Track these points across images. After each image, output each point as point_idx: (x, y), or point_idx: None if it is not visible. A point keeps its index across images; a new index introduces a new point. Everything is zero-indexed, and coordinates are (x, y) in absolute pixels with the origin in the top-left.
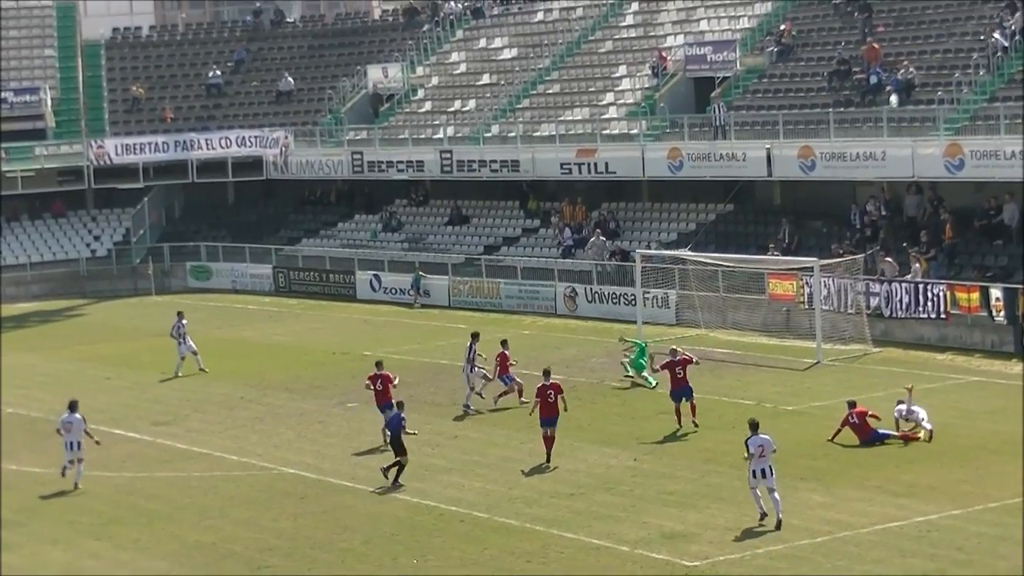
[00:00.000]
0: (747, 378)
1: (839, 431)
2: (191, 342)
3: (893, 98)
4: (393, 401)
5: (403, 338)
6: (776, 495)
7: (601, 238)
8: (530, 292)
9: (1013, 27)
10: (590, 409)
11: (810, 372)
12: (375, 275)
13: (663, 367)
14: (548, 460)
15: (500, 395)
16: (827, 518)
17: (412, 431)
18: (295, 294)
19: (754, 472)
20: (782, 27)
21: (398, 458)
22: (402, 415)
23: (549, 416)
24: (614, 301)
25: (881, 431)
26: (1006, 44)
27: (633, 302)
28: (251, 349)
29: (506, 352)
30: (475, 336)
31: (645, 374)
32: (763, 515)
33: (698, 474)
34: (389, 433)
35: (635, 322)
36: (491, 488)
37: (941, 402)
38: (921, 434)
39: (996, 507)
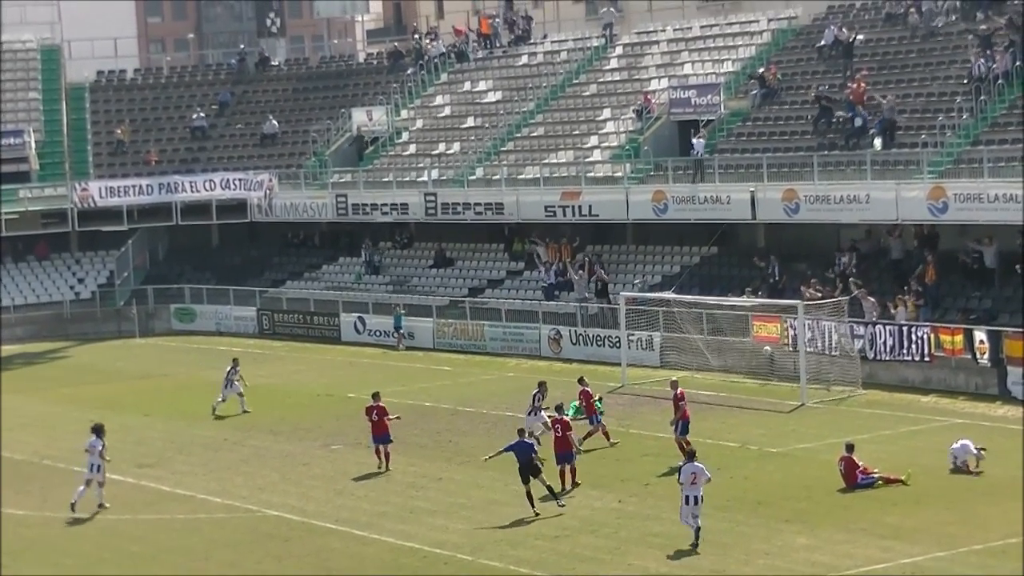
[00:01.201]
0: (731, 420)
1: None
2: (239, 386)
3: (877, 141)
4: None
5: (387, 380)
6: (699, 521)
7: (582, 275)
8: (515, 334)
9: (996, 70)
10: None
11: (794, 414)
12: (359, 317)
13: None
14: (563, 490)
15: (586, 436)
16: (811, 560)
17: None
18: (279, 336)
19: (685, 498)
20: (764, 70)
21: (535, 482)
22: (532, 441)
23: (563, 451)
24: (599, 343)
25: (865, 480)
26: (993, 70)
27: (617, 344)
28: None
29: (588, 390)
30: (542, 385)
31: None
32: (692, 544)
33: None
34: (519, 463)
35: (619, 364)
36: (476, 530)
37: (925, 444)
38: (904, 476)
39: (981, 549)
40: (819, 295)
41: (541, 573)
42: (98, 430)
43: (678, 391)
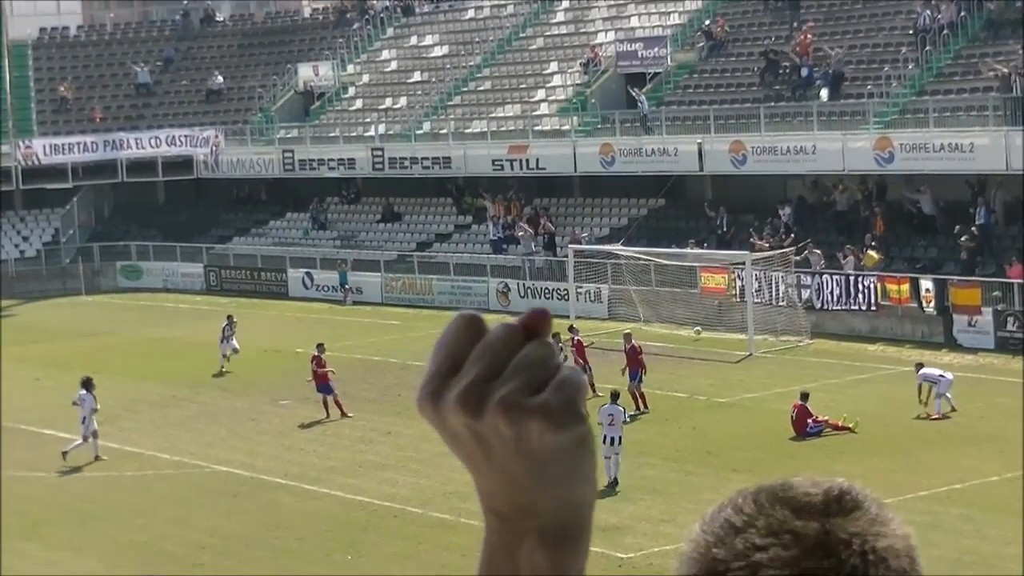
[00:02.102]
0: (680, 371)
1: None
2: (235, 343)
3: (823, 92)
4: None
5: (336, 335)
6: (619, 459)
7: (528, 230)
8: (463, 288)
9: (942, 20)
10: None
11: (743, 364)
12: (307, 273)
13: None
14: None
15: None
16: None
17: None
18: (227, 292)
19: (603, 438)
20: (711, 22)
21: None
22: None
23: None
24: (547, 296)
25: (814, 428)
26: (938, 21)
27: (566, 297)
28: (183, 348)
29: (580, 339)
30: (556, 337)
31: None
32: (610, 482)
33: (632, 466)
34: None
35: (568, 316)
36: (425, 483)
37: (872, 392)
38: (851, 424)
39: (927, 495)
40: (767, 247)
41: None
42: (87, 384)
43: (632, 344)
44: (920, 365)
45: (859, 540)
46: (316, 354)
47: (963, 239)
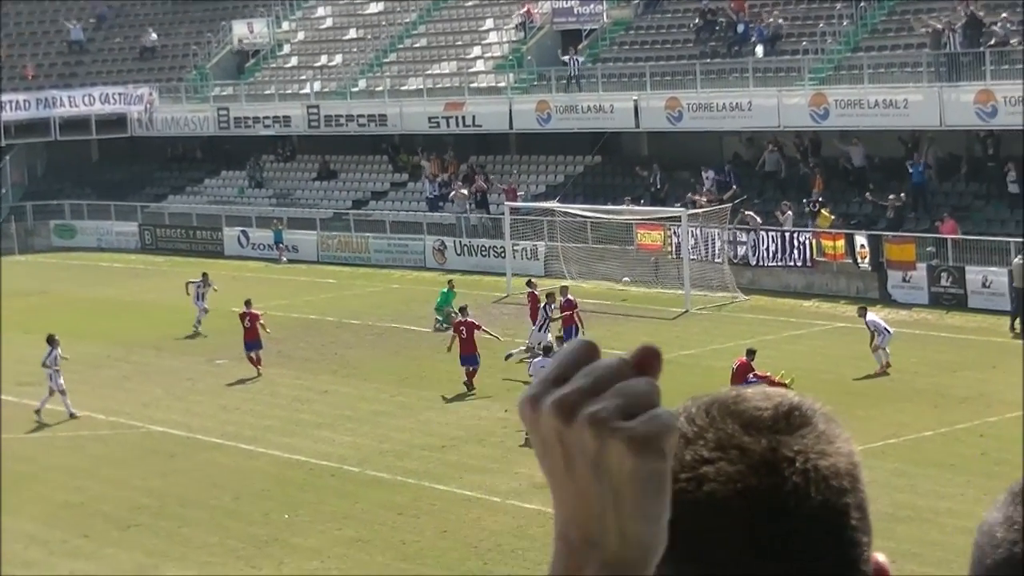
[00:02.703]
0: (617, 328)
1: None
2: (206, 303)
3: (759, 48)
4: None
5: (271, 294)
6: None
7: (463, 191)
8: (399, 246)
9: None
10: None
11: (679, 321)
12: (243, 231)
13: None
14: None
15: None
16: None
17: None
18: (162, 251)
19: None
20: None
21: None
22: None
23: (467, 353)
24: (483, 254)
25: (749, 383)
26: None
27: (502, 254)
28: (118, 308)
29: (536, 293)
30: (551, 296)
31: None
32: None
33: None
34: None
35: (504, 274)
36: (362, 442)
37: (807, 348)
38: (787, 380)
39: (862, 450)
40: (704, 202)
41: (428, 483)
42: (50, 340)
43: (567, 298)
44: (864, 309)
45: (802, 458)
46: (250, 311)
47: (891, 197)
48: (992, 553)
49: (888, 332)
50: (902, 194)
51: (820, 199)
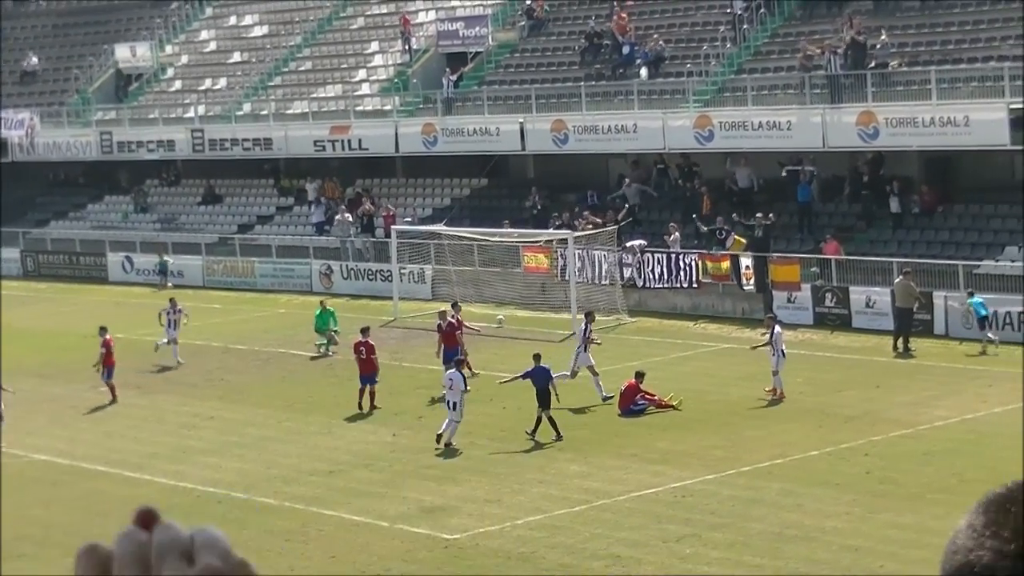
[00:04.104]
0: (504, 351)
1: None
2: (176, 332)
3: (643, 71)
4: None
5: (156, 320)
6: (451, 423)
7: (347, 216)
8: (285, 270)
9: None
10: (347, 385)
11: (567, 343)
12: (127, 257)
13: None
14: (371, 409)
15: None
16: (585, 487)
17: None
18: (45, 278)
19: (446, 402)
20: (532, 2)
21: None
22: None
23: (367, 373)
24: (370, 277)
25: (637, 406)
26: (741, 9)
27: (389, 278)
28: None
29: (459, 318)
30: (589, 316)
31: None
32: (445, 443)
33: (457, 447)
34: (536, 388)
35: (391, 298)
36: (249, 468)
37: (694, 370)
38: (675, 402)
39: (748, 471)
40: (589, 226)
41: (316, 508)
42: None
43: (450, 319)
44: (774, 317)
45: None
46: (105, 338)
47: (757, 216)
48: (952, 559)
49: (783, 356)
50: (771, 214)
51: (727, 226)
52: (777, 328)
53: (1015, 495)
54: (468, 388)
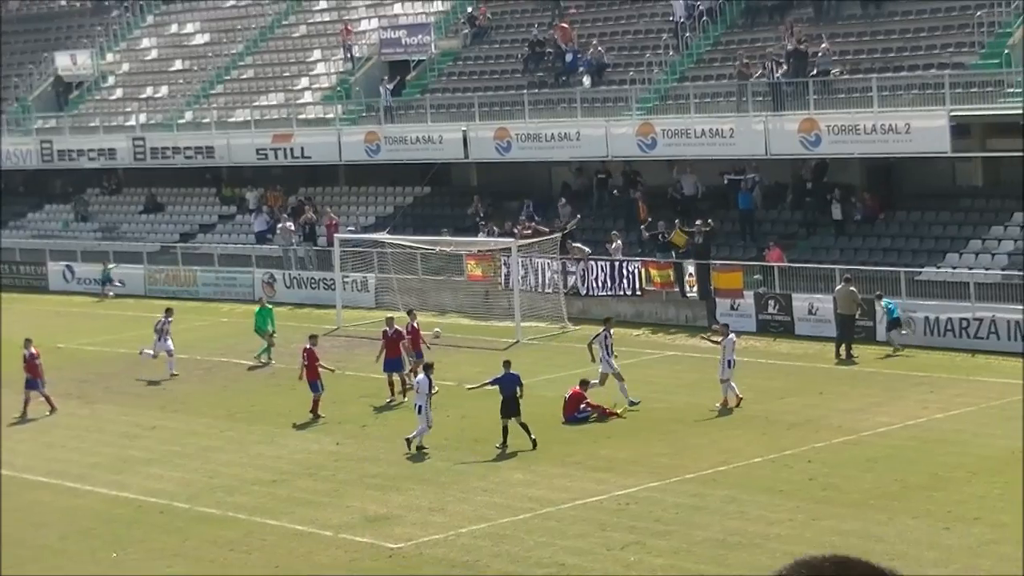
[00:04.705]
0: (448, 359)
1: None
2: (170, 342)
3: (586, 79)
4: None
5: (98, 329)
6: (421, 428)
7: (289, 224)
8: (227, 279)
9: (701, 7)
10: (290, 395)
11: (510, 352)
12: (67, 266)
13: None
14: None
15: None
16: (529, 495)
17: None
18: None
19: (415, 405)
20: (474, 10)
21: (514, 422)
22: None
23: (313, 380)
24: (313, 286)
25: (580, 414)
26: (683, 17)
27: (333, 286)
28: None
29: (415, 325)
30: (608, 322)
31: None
32: (408, 441)
33: (400, 456)
34: (503, 396)
35: (335, 306)
36: (191, 478)
37: (638, 377)
38: (619, 410)
39: (692, 478)
40: (529, 233)
41: (259, 518)
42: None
43: (395, 328)
44: (727, 326)
45: None
46: (30, 351)
47: (697, 223)
48: None
49: (730, 365)
50: (709, 220)
51: (661, 222)
52: (732, 336)
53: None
54: (435, 391)
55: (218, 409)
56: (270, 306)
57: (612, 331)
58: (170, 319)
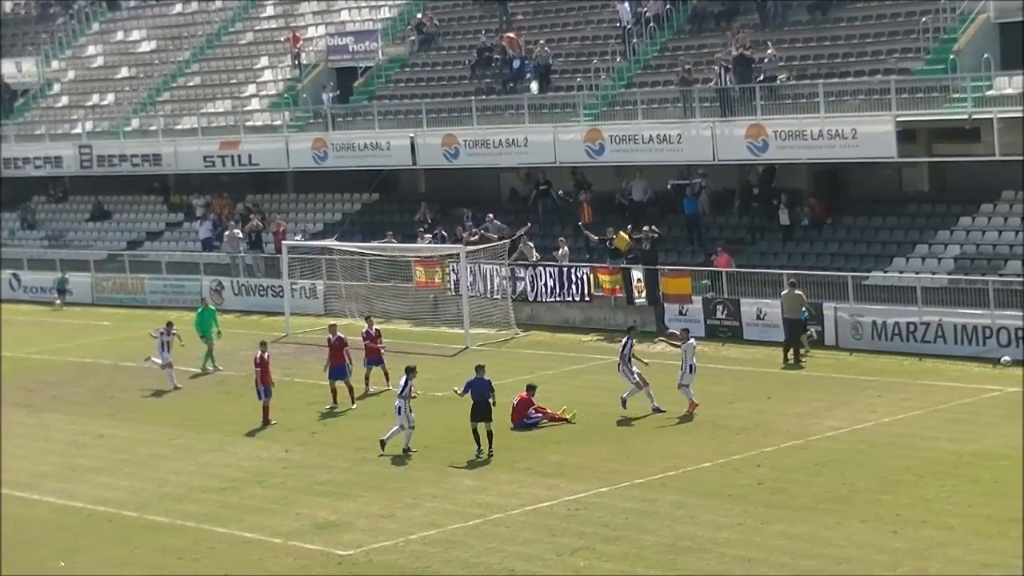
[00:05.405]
0: (397, 366)
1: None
2: (170, 355)
3: (533, 85)
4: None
5: (46, 337)
6: (394, 429)
7: (236, 232)
8: (175, 287)
9: (648, 13)
10: (239, 402)
11: (459, 358)
12: (14, 274)
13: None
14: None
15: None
16: (479, 501)
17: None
18: None
19: (396, 406)
20: (422, 16)
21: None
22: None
23: (265, 384)
24: (261, 293)
25: (530, 419)
26: (630, 23)
27: (281, 293)
28: None
29: (372, 331)
30: (632, 330)
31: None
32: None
33: (350, 463)
34: (474, 400)
35: (283, 313)
36: (140, 486)
37: (587, 382)
38: (569, 415)
39: (642, 483)
40: (475, 239)
41: (208, 526)
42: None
43: (338, 335)
44: (687, 331)
45: None
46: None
47: (644, 229)
48: None
49: (691, 370)
50: (653, 226)
51: (610, 228)
52: (692, 341)
53: None
54: (414, 395)
55: (167, 417)
56: (213, 307)
57: (634, 340)
58: (172, 332)
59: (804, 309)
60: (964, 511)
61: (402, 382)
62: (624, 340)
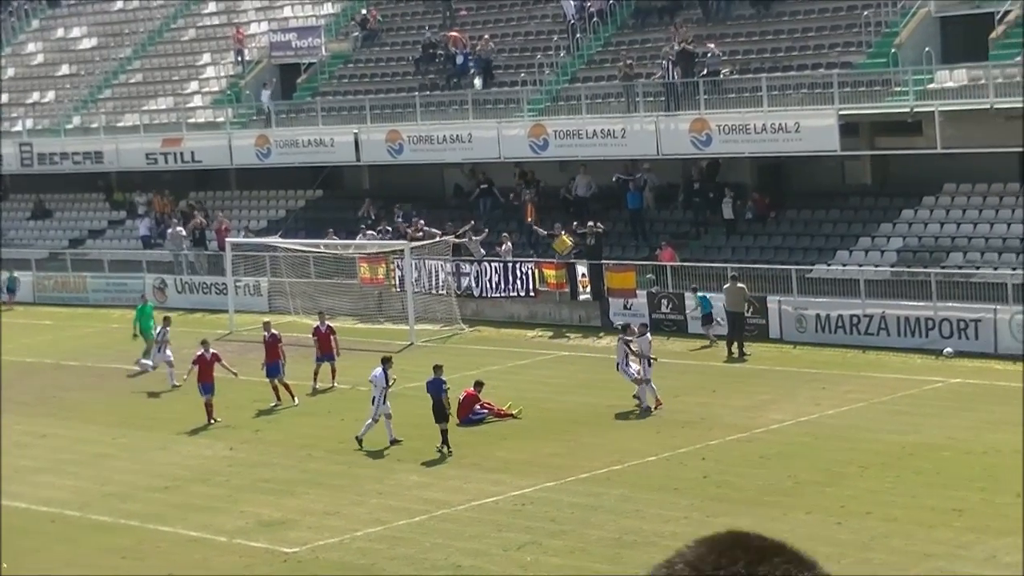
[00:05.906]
0: (342, 363)
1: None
2: (169, 353)
3: (477, 80)
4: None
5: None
6: (369, 423)
7: (179, 229)
8: (118, 285)
9: (591, 8)
10: (182, 400)
11: (404, 354)
12: None
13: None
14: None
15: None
16: (424, 497)
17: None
18: None
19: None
20: (365, 12)
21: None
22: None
23: (206, 382)
24: (205, 291)
25: (476, 415)
26: (573, 18)
27: (225, 291)
28: None
29: (325, 327)
30: (626, 329)
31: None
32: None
33: (295, 460)
34: (432, 399)
35: (227, 311)
36: (83, 486)
37: (532, 378)
38: (515, 411)
39: (587, 478)
40: (420, 235)
41: (152, 525)
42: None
43: (272, 332)
44: (645, 326)
45: None
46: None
47: (589, 224)
48: None
49: (650, 364)
50: (599, 223)
51: (557, 224)
52: (647, 336)
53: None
54: (391, 384)
55: (110, 416)
56: (151, 304)
57: (628, 340)
58: (168, 328)
59: (701, 297)
60: (907, 502)
61: (378, 372)
62: (619, 341)
